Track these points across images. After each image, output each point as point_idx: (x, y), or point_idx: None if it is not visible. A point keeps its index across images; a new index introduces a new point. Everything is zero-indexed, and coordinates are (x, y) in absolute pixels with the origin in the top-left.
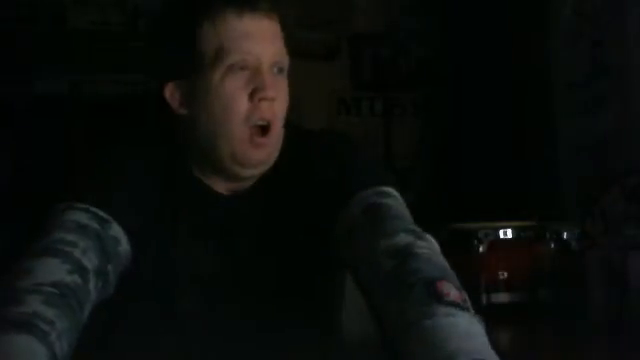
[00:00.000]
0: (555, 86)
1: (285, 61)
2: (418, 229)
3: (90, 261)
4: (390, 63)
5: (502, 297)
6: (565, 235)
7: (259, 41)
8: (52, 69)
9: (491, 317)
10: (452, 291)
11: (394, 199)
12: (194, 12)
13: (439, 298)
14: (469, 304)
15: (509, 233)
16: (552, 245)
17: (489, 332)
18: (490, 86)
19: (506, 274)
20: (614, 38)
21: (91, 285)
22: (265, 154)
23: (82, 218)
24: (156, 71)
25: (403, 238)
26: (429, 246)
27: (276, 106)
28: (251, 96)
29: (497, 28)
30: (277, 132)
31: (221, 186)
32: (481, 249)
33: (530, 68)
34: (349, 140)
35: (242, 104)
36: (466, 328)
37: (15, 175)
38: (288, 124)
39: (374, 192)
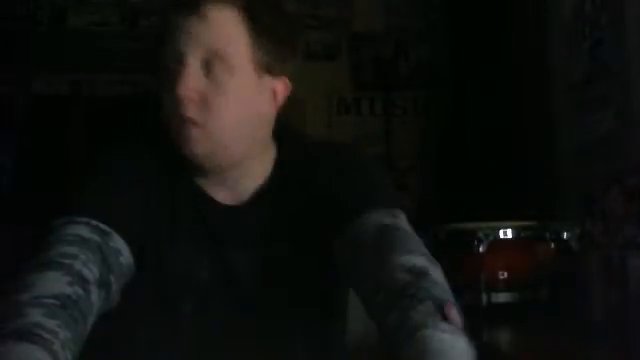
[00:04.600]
0: (555, 86)
1: (223, 59)
2: (431, 257)
3: (91, 272)
4: (390, 63)
5: (502, 297)
6: (565, 235)
7: (184, 37)
8: (52, 69)
9: (491, 317)
10: (457, 317)
11: (407, 223)
12: (166, 11)
13: (445, 317)
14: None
15: (509, 233)
16: (552, 245)
17: (489, 332)
18: (490, 86)
19: (506, 274)
20: (614, 38)
21: (93, 296)
22: (199, 149)
23: (83, 232)
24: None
25: (422, 260)
26: (441, 274)
27: (206, 104)
28: (171, 92)
29: (497, 28)
30: (213, 131)
31: (220, 194)
32: (481, 249)
33: (530, 68)
34: (363, 155)
35: (168, 101)
36: (465, 348)
37: (15, 175)
38: (294, 133)
39: (388, 213)
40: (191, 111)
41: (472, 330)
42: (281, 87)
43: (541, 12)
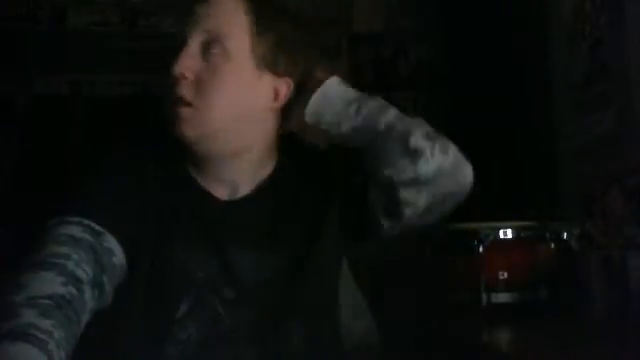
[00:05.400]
0: (555, 86)
1: (221, 44)
2: None
3: (84, 272)
4: (390, 63)
5: (502, 297)
6: (565, 235)
7: (189, 20)
8: (52, 69)
9: (491, 317)
10: None
11: None
12: None
13: None
14: None
15: (509, 233)
16: (552, 245)
17: (489, 332)
18: (490, 86)
19: (506, 274)
20: (614, 38)
21: (87, 295)
22: (189, 131)
23: (75, 231)
24: None
25: None
26: None
27: (200, 85)
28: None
29: (497, 28)
30: (203, 112)
31: (218, 190)
32: (481, 249)
33: (530, 68)
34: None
35: (166, 82)
36: None
37: (15, 175)
38: (301, 141)
39: None
40: (184, 90)
41: (472, 330)
42: (284, 88)
43: (541, 12)
